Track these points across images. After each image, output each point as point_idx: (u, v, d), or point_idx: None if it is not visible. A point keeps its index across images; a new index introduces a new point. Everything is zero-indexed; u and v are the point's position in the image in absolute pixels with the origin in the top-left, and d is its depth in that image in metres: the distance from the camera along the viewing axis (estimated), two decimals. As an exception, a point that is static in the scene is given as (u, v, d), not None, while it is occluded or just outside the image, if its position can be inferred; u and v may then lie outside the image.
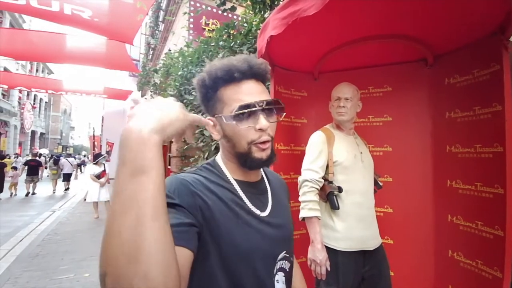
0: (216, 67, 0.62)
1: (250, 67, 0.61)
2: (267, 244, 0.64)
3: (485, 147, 1.41)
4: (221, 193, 0.61)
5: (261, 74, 0.64)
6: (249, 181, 0.69)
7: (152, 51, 9.97)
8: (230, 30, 3.27)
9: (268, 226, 0.65)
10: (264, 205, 0.68)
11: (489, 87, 1.38)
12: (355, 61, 1.84)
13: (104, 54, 4.72)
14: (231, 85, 0.61)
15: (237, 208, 0.62)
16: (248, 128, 0.60)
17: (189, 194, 0.55)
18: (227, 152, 0.67)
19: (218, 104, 0.63)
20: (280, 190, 0.78)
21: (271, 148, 0.64)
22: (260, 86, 0.64)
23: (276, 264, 0.66)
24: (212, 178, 0.63)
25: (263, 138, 0.61)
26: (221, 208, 0.59)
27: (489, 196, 1.37)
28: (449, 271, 1.58)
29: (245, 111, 0.59)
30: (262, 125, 0.59)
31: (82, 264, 3.59)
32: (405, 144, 1.80)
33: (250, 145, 0.61)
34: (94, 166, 6.28)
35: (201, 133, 2.75)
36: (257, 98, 0.60)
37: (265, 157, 0.62)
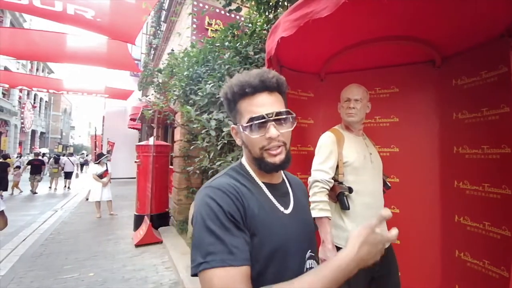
0: (233, 83, 0.69)
1: (262, 81, 0.67)
2: (296, 239, 0.70)
3: (493, 148, 1.43)
4: (254, 193, 0.68)
5: (273, 87, 0.68)
6: (272, 183, 0.75)
7: (154, 51, 9.96)
8: (234, 30, 3.28)
9: (293, 221, 0.72)
10: (287, 204, 0.74)
11: (497, 88, 1.39)
12: (361, 62, 1.85)
13: (105, 54, 4.72)
14: (246, 98, 0.68)
15: (268, 206, 0.69)
16: (259, 137, 0.67)
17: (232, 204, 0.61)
18: (248, 156, 0.73)
19: (237, 114, 0.70)
20: (299, 190, 0.84)
21: (285, 153, 0.69)
22: (272, 97, 0.69)
23: (306, 263, 0.71)
24: (242, 181, 0.70)
25: (272, 144, 0.67)
26: (257, 205, 0.66)
27: (497, 196, 1.39)
28: (456, 271, 1.60)
29: (254, 122, 0.65)
30: (271, 134, 0.65)
31: (86, 264, 3.60)
32: (412, 145, 1.81)
33: (262, 150, 0.68)
34: (96, 166, 6.29)
35: (207, 133, 2.76)
36: (268, 110, 0.66)
37: (278, 162, 0.68)
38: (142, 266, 3.52)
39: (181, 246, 3.94)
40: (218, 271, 0.54)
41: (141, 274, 3.29)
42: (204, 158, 3.05)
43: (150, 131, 9.34)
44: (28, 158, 12.00)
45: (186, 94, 3.45)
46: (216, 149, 2.74)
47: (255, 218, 0.63)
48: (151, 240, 4.25)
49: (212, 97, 2.89)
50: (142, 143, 5.30)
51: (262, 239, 0.63)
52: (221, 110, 2.81)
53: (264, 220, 0.65)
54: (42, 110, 30.45)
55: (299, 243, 0.71)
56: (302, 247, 0.72)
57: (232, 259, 0.55)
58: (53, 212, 6.79)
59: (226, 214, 0.59)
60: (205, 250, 0.56)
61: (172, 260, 3.52)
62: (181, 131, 4.97)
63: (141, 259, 3.75)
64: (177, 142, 5.23)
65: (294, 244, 0.69)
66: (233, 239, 0.57)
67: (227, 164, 2.55)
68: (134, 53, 11.37)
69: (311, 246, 0.75)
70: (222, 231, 0.57)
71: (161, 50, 8.59)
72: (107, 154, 7.70)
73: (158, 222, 4.85)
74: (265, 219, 0.65)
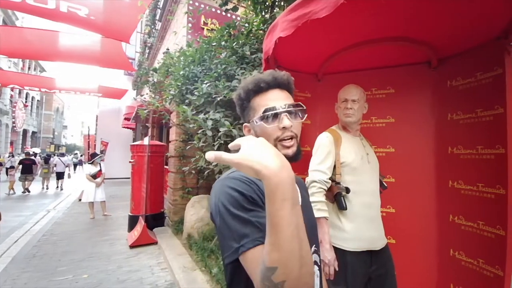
0: (248, 82, 0.76)
1: (275, 78, 0.73)
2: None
3: (487, 149, 1.44)
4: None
5: (284, 84, 0.75)
6: None
7: (149, 49, 9.87)
8: (231, 30, 3.27)
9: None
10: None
11: (492, 90, 1.41)
12: (359, 62, 1.86)
13: (99, 52, 4.66)
14: (260, 94, 0.74)
15: None
16: (273, 127, 0.71)
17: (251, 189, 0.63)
18: None
19: (251, 111, 0.76)
20: (303, 190, 0.86)
21: (296, 145, 0.74)
22: (284, 93, 0.75)
23: (312, 256, 0.72)
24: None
25: (286, 134, 0.71)
26: None
27: (491, 196, 1.41)
28: (451, 270, 1.62)
29: (270, 112, 0.71)
30: (285, 124, 0.70)
31: (80, 265, 3.55)
32: (407, 145, 1.83)
33: (276, 142, 0.72)
34: (90, 166, 6.20)
35: (203, 133, 2.74)
36: (281, 103, 0.72)
37: (291, 153, 0.72)
38: (137, 267, 3.48)
39: (177, 247, 3.91)
40: (256, 250, 0.56)
41: (136, 275, 3.26)
42: (200, 158, 3.03)
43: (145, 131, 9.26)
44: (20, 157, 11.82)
45: (182, 93, 3.42)
46: (213, 149, 2.72)
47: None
48: (146, 241, 4.21)
49: (208, 96, 2.87)
50: (137, 142, 5.24)
51: None
52: (217, 110, 2.80)
53: None
54: (34, 109, 29.93)
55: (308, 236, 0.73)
56: (309, 239, 0.73)
57: (263, 236, 0.55)
58: (45, 213, 6.68)
59: (248, 198, 0.61)
60: (237, 234, 0.58)
61: (167, 261, 3.49)
62: (176, 131, 4.94)
63: (136, 260, 3.71)
64: (173, 142, 5.19)
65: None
66: (259, 217, 0.59)
67: (223, 164, 2.53)
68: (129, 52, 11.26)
69: (315, 241, 0.79)
70: (247, 213, 0.59)
71: (156, 49, 8.51)
72: (101, 154, 7.59)
73: (153, 222, 4.80)
74: None
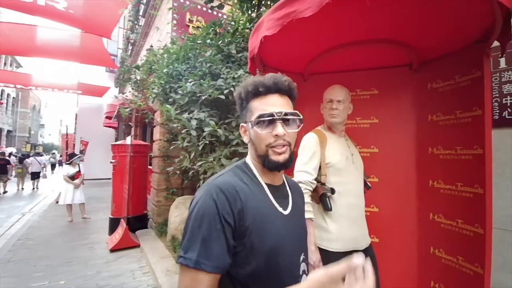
0: (248, 83, 0.75)
1: (275, 83, 0.72)
2: (291, 240, 0.73)
3: (466, 149, 1.48)
4: (255, 193, 0.71)
5: (285, 89, 0.73)
6: (274, 185, 0.78)
7: (132, 46, 9.57)
8: (217, 28, 3.22)
9: (290, 223, 0.75)
10: (285, 206, 0.77)
11: (470, 92, 1.45)
12: (344, 63, 1.87)
13: (79, 48, 4.48)
14: (259, 97, 0.73)
15: (267, 207, 0.72)
16: (267, 133, 0.70)
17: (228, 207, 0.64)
18: (253, 154, 0.77)
19: (248, 113, 0.75)
20: (296, 193, 0.87)
21: (289, 153, 0.72)
22: (283, 99, 0.73)
23: (300, 265, 0.74)
24: (246, 180, 0.73)
25: (278, 142, 0.70)
26: (256, 204, 0.69)
27: (469, 195, 1.45)
28: (431, 267, 1.65)
29: (264, 119, 0.70)
30: (278, 132, 0.69)
31: (57, 271, 3.39)
32: (390, 145, 1.86)
33: (268, 148, 0.71)
34: (67, 167, 5.93)
35: (187, 133, 2.67)
36: (278, 109, 0.70)
37: (282, 160, 0.71)
38: (118, 272, 3.36)
39: (160, 250, 3.81)
40: (191, 270, 0.59)
41: (117, 280, 3.14)
42: (184, 159, 2.96)
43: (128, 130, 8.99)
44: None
45: (166, 92, 3.33)
46: (197, 149, 2.66)
47: (253, 217, 0.66)
48: (127, 244, 4.07)
49: (193, 95, 2.80)
50: (119, 142, 5.07)
51: (258, 237, 0.66)
52: (202, 110, 2.74)
53: (261, 219, 0.68)
54: (9, 107, 28.38)
55: (294, 245, 0.74)
56: (296, 248, 0.75)
57: (206, 264, 0.59)
58: (20, 216, 6.35)
59: (220, 217, 0.62)
60: (188, 245, 0.61)
61: (150, 264, 3.39)
62: (160, 130, 4.81)
63: (117, 265, 3.58)
64: (157, 141, 5.05)
65: (289, 245, 0.72)
66: (216, 244, 0.61)
67: (208, 164, 2.48)
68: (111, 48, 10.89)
69: (304, 249, 0.79)
70: (209, 232, 0.61)
71: (140, 46, 8.27)
72: (80, 154, 7.28)
73: (136, 225, 4.66)
74: (263, 218, 0.68)
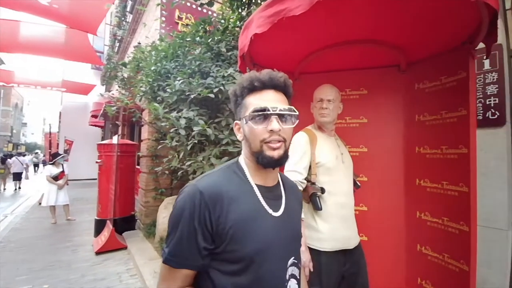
0: (244, 79, 0.74)
1: (271, 79, 0.71)
2: (280, 243, 0.71)
3: (451, 149, 1.52)
4: (242, 195, 0.70)
5: (280, 85, 0.72)
6: (266, 186, 0.76)
7: (119, 43, 9.34)
8: (206, 26, 3.17)
9: (280, 225, 0.73)
10: (277, 208, 0.75)
11: (456, 93, 1.48)
12: (334, 63, 1.88)
13: (63, 44, 4.35)
14: (254, 93, 0.72)
15: (255, 209, 0.70)
16: (261, 128, 0.69)
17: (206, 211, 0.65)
18: (247, 151, 0.75)
19: (243, 109, 0.74)
20: (292, 195, 0.84)
21: (284, 149, 0.71)
22: (279, 95, 0.73)
23: (287, 270, 0.72)
24: (235, 180, 0.73)
25: (273, 137, 0.69)
26: (242, 206, 0.68)
27: (455, 194, 1.48)
28: (418, 264, 1.69)
29: (259, 113, 0.68)
30: (273, 127, 0.68)
31: (40, 274, 3.26)
32: (379, 145, 1.88)
33: (262, 143, 0.70)
34: (51, 167, 5.72)
35: (176, 132, 2.62)
36: (273, 105, 0.69)
37: (276, 156, 0.69)
38: (104, 275, 3.26)
39: (148, 251, 3.73)
40: (166, 266, 0.67)
41: (102, 284, 3.05)
42: (173, 158, 2.91)
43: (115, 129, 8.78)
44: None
45: (154, 90, 3.26)
46: (186, 149, 2.61)
47: (235, 220, 0.66)
48: (114, 247, 3.96)
49: (181, 94, 2.75)
50: (105, 141, 4.93)
51: (240, 240, 0.65)
52: (191, 108, 2.69)
53: (245, 222, 0.67)
54: (-12, 105, 27.17)
55: (283, 248, 0.72)
56: (285, 252, 0.73)
57: (174, 261, 0.65)
58: (2, 218, 6.11)
59: (195, 220, 0.64)
60: (166, 241, 0.68)
61: (137, 266, 3.31)
62: (148, 129, 4.71)
63: (103, 268, 3.48)
64: (145, 141, 4.95)
65: (278, 248, 0.70)
66: (187, 244, 0.64)
67: (197, 164, 2.45)
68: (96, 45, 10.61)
69: (295, 253, 0.76)
70: (181, 234, 0.65)
71: (127, 43, 8.08)
72: (64, 153, 7.04)
73: (123, 226, 4.55)
74: (248, 221, 0.67)
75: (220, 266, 0.66)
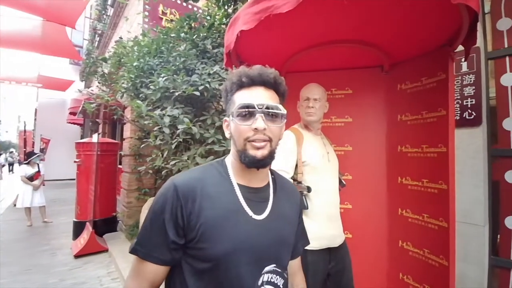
0: (234, 74, 0.71)
1: (260, 74, 0.68)
2: (257, 248, 0.67)
3: (431, 147, 1.57)
4: (221, 194, 0.68)
5: (270, 82, 0.69)
6: (250, 186, 0.72)
7: (99, 37, 8.99)
8: (191, 22, 3.10)
9: (262, 229, 0.69)
10: (260, 211, 0.71)
11: (435, 93, 1.53)
12: (320, 63, 1.89)
13: (40, 38, 4.15)
14: (243, 89, 0.70)
15: (232, 209, 0.67)
16: (246, 126, 0.66)
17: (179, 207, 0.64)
18: (233, 150, 0.73)
19: (231, 105, 0.71)
20: (285, 198, 0.80)
21: (268, 149, 0.67)
22: (269, 93, 0.70)
23: (262, 276, 0.67)
24: (215, 179, 0.70)
25: (257, 136, 0.65)
26: (217, 206, 0.66)
27: (434, 191, 1.53)
28: (400, 259, 1.74)
29: (244, 110, 0.65)
30: (258, 125, 0.64)
31: (16, 279, 3.10)
32: (363, 144, 1.91)
33: (246, 141, 0.66)
34: (26, 167, 5.43)
35: (160, 131, 2.55)
36: (260, 101, 0.66)
37: (259, 156, 0.66)
38: (83, 279, 3.14)
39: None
40: (134, 259, 0.67)
41: (82, 288, 2.93)
42: (157, 157, 2.83)
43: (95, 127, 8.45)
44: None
45: (136, 87, 3.15)
46: (171, 148, 2.55)
47: (206, 218, 0.64)
48: (94, 249, 3.82)
49: (166, 91, 2.67)
50: (84, 140, 4.74)
51: (211, 239, 0.63)
52: (176, 106, 2.63)
53: (218, 222, 0.64)
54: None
55: (260, 252, 0.67)
56: (262, 257, 0.68)
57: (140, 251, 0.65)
58: (-28, 222, 5.71)
59: (165, 214, 0.64)
60: (138, 234, 0.68)
61: (119, 270, 3.20)
62: (131, 127, 4.56)
63: (82, 271, 3.34)
64: (127, 139, 4.79)
65: (253, 251, 0.66)
66: (155, 237, 0.65)
67: (182, 163, 2.39)
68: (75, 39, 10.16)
69: (277, 260, 0.70)
70: (151, 226, 0.66)
71: (108, 37, 7.79)
72: (40, 152, 6.69)
73: (104, 228, 4.39)
74: (221, 221, 0.65)
75: (192, 262, 0.65)
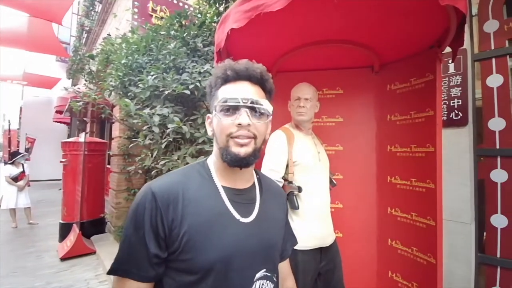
0: (219, 68, 0.68)
1: (246, 68, 0.65)
2: (246, 253, 0.63)
3: (419, 147, 1.59)
4: (204, 197, 0.63)
5: (256, 77, 0.66)
6: (235, 188, 0.69)
7: (87, 34, 8.77)
8: (182, 19, 3.06)
9: (250, 233, 0.65)
10: (248, 213, 0.67)
11: (424, 94, 1.55)
12: (311, 62, 1.89)
13: (25, 34, 4.03)
14: (228, 83, 0.66)
15: (218, 213, 0.63)
16: (230, 121, 0.62)
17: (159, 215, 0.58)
18: (215, 148, 0.69)
19: (215, 100, 0.67)
20: (272, 200, 0.77)
21: (252, 147, 0.63)
22: (255, 88, 0.66)
23: (254, 283, 0.63)
24: (198, 181, 0.66)
25: (240, 132, 0.62)
26: (201, 211, 0.61)
27: (422, 190, 1.56)
28: (389, 257, 1.76)
29: (227, 104, 0.62)
30: (241, 120, 0.61)
31: (1, 282, 3.00)
32: (354, 143, 1.93)
33: (228, 138, 0.63)
34: (10, 167, 5.25)
35: (149, 130, 2.50)
36: (245, 96, 0.63)
37: (243, 154, 0.62)
38: (70, 282, 3.06)
39: (120, 255, 3.55)
40: (114, 278, 0.60)
41: (69, 291, 2.86)
42: (146, 157, 2.77)
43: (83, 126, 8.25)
44: None
45: (125, 85, 3.08)
46: (160, 148, 2.51)
47: (190, 225, 0.59)
48: (81, 251, 3.73)
49: (155, 90, 2.62)
50: (70, 139, 4.61)
51: (197, 248, 0.58)
52: (165, 105, 2.58)
53: (205, 227, 0.60)
54: None
55: (250, 258, 0.64)
56: (252, 262, 0.64)
57: (122, 270, 0.59)
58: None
59: (145, 224, 0.58)
60: (118, 251, 0.61)
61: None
62: (120, 126, 4.47)
63: (69, 274, 3.26)
64: (116, 139, 4.69)
65: (243, 258, 0.62)
66: (138, 252, 0.58)
67: (172, 163, 2.35)
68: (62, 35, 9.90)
69: (267, 264, 0.67)
70: (134, 239, 0.59)
71: (96, 34, 7.61)
72: (25, 152, 6.49)
73: (91, 229, 4.29)
74: (208, 227, 0.60)
75: (175, 276, 0.59)
